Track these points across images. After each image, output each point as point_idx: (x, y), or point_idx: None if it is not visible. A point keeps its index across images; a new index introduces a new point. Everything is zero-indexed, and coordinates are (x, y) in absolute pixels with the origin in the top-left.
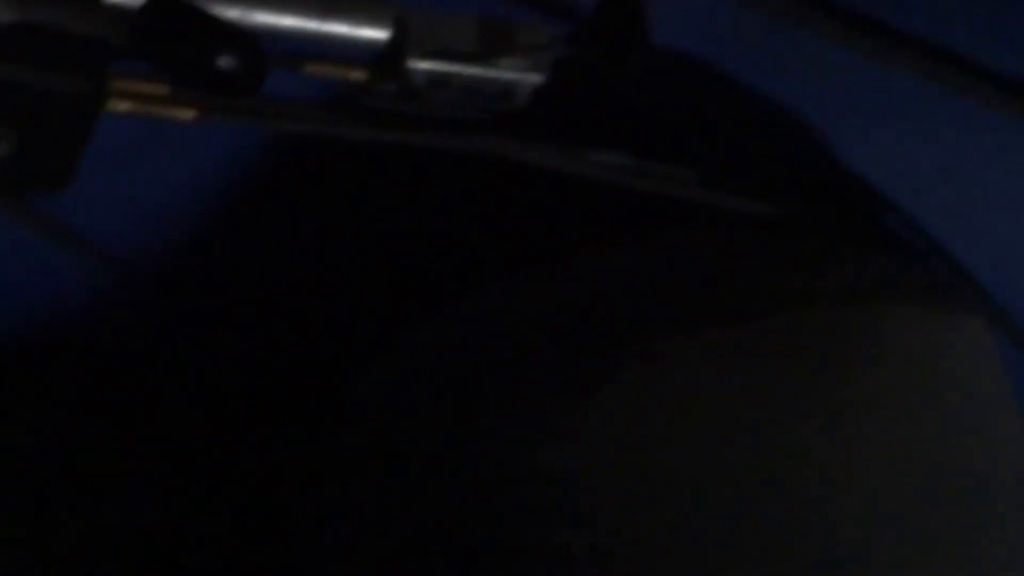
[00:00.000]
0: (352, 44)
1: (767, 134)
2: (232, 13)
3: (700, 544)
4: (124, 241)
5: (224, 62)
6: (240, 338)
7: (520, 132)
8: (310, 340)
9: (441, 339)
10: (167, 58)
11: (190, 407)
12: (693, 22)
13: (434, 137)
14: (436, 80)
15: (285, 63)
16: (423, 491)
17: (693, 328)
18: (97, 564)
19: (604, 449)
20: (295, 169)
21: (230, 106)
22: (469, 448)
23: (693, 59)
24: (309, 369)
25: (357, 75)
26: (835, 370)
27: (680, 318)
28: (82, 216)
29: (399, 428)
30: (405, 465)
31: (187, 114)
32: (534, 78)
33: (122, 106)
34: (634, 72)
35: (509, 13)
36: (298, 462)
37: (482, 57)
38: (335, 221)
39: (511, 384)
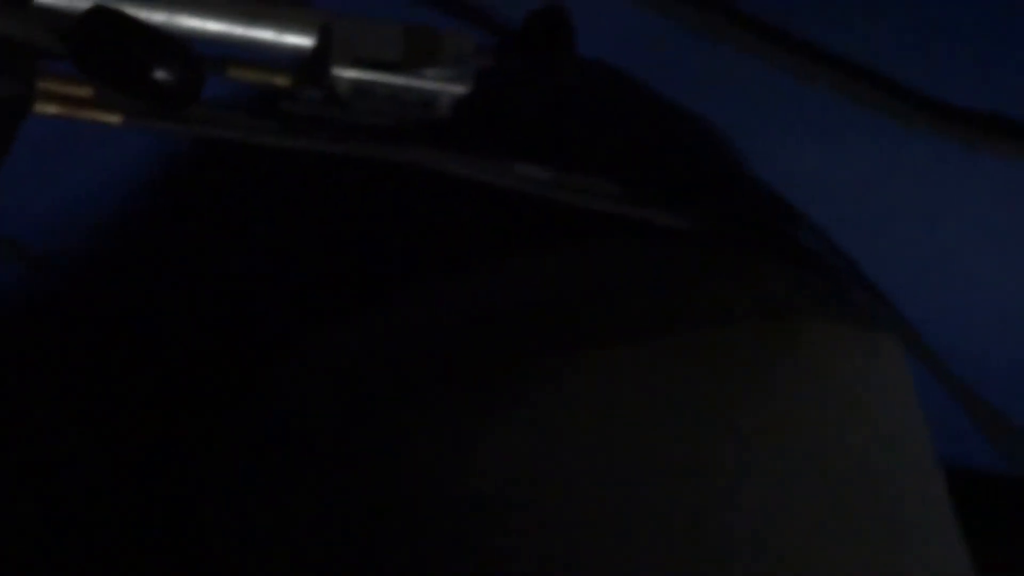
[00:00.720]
0: (277, 50)
1: (689, 147)
2: (158, 17)
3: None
4: (37, 235)
5: (161, 74)
6: (151, 334)
7: (442, 142)
8: (221, 338)
9: (350, 343)
10: (104, 69)
11: (97, 402)
12: (619, 34)
13: (357, 146)
14: (360, 88)
15: (209, 67)
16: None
17: (606, 342)
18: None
19: (510, 465)
20: (213, 165)
21: (157, 111)
22: (370, 456)
23: (618, 71)
24: (218, 366)
25: (281, 80)
26: (750, 388)
27: (594, 331)
28: None
29: (300, 434)
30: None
31: (114, 118)
32: (459, 88)
33: (49, 109)
34: (559, 83)
35: (435, 22)
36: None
37: (407, 66)
38: (250, 220)
39: (418, 394)
